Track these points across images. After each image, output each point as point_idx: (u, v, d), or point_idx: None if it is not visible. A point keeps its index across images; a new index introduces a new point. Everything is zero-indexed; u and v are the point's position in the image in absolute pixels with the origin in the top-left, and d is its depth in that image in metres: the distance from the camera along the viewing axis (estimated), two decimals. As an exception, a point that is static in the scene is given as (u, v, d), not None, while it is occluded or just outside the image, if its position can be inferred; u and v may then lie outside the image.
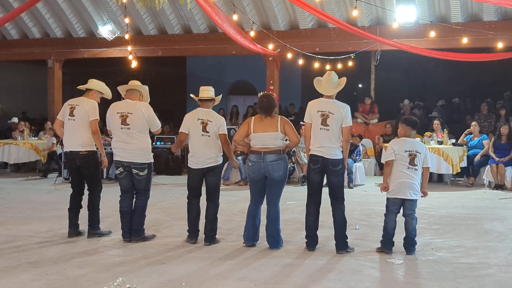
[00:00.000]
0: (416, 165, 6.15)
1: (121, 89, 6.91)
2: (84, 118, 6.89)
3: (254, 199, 6.60)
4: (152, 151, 6.89)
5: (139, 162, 6.64)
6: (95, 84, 7.13)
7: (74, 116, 6.93)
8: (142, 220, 6.81)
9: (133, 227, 6.74)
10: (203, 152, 6.62)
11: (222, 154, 6.72)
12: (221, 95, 7.02)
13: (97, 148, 7.03)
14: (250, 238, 6.56)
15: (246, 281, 5.18)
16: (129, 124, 6.61)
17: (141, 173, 6.66)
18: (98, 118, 6.97)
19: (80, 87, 7.20)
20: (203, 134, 6.60)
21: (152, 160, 6.81)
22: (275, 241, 6.48)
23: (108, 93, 7.23)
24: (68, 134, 7.01)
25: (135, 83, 6.88)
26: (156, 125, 6.78)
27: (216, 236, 6.76)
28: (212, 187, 6.71)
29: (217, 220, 6.75)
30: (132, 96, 6.78)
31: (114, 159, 6.80)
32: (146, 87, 6.95)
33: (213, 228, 6.69)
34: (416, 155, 6.16)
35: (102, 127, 8.66)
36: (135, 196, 6.81)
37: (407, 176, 6.15)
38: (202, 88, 6.89)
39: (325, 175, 6.40)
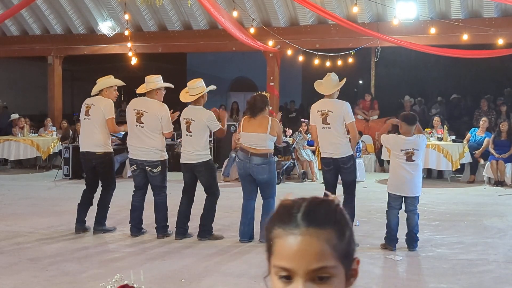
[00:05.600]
0: (415, 160, 6.17)
1: (141, 89, 6.89)
2: (99, 117, 6.90)
3: (245, 195, 6.68)
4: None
5: (152, 160, 6.67)
6: (101, 83, 7.10)
7: (89, 115, 6.96)
8: (165, 216, 6.84)
9: (158, 224, 6.81)
10: (186, 149, 6.71)
11: (206, 153, 6.71)
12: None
13: (115, 144, 7.15)
14: (245, 234, 6.59)
15: (245, 278, 5.19)
16: (143, 123, 6.64)
17: (155, 170, 6.69)
18: (114, 116, 7.01)
19: (92, 92, 7.17)
20: (187, 134, 6.68)
21: (166, 157, 6.84)
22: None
23: (117, 83, 7.17)
24: (83, 133, 7.08)
25: (150, 80, 6.79)
26: (168, 127, 6.75)
27: (214, 232, 6.77)
28: (204, 185, 6.78)
29: (211, 216, 6.74)
30: (149, 94, 6.78)
31: (128, 156, 6.93)
32: (157, 79, 6.84)
33: (204, 223, 6.70)
34: (414, 153, 6.17)
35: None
36: (153, 193, 6.84)
37: (406, 172, 6.16)
38: (189, 85, 6.79)
39: (339, 174, 6.52)
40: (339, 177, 6.56)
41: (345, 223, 1.30)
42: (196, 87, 6.73)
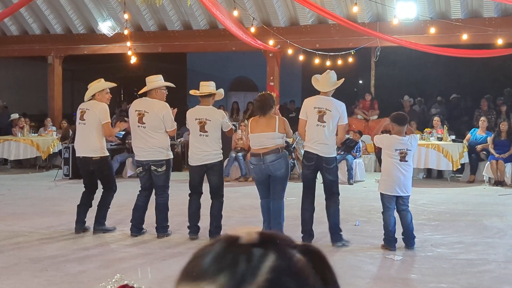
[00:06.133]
0: (407, 161, 6.21)
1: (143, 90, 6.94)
2: (94, 122, 6.91)
3: (262, 196, 6.63)
4: None
5: (157, 159, 6.68)
6: (92, 88, 7.07)
7: (84, 120, 6.96)
8: (166, 216, 6.85)
9: (159, 224, 6.82)
10: (200, 150, 6.66)
11: (221, 151, 6.74)
12: (222, 90, 6.97)
13: (107, 143, 7.22)
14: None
15: (245, 277, 5.18)
16: (145, 123, 6.65)
17: (159, 169, 6.70)
18: (110, 120, 7.03)
19: (85, 98, 7.17)
20: (201, 134, 6.64)
21: (171, 157, 6.85)
22: None
23: (108, 85, 7.16)
24: (79, 138, 7.08)
25: (150, 80, 6.83)
26: (171, 125, 6.76)
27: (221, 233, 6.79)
28: (215, 186, 6.73)
29: (222, 217, 6.75)
30: (150, 94, 6.80)
31: (135, 159, 6.96)
32: (157, 79, 6.89)
33: (218, 225, 6.70)
34: (407, 153, 6.20)
35: None
36: (155, 193, 6.86)
37: (400, 172, 6.19)
38: (202, 83, 6.90)
39: (319, 172, 6.47)
40: (320, 180, 6.59)
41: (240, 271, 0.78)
42: (209, 85, 6.79)
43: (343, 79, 6.60)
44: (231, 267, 0.79)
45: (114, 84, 7.25)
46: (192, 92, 7.03)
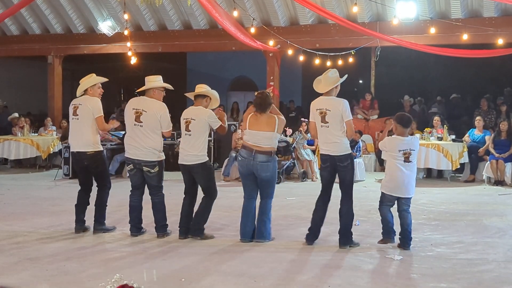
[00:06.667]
0: (411, 161, 6.21)
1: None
2: (88, 116, 6.90)
3: (246, 194, 6.67)
4: None
5: (149, 160, 6.67)
6: (84, 83, 7.06)
7: (77, 115, 6.96)
8: (164, 216, 6.86)
9: (158, 224, 6.82)
10: (183, 149, 6.73)
11: (204, 153, 6.72)
12: (216, 94, 6.90)
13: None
14: (245, 234, 6.59)
15: (245, 277, 5.19)
16: (142, 122, 6.63)
17: (152, 171, 6.71)
18: (102, 114, 7.00)
19: (77, 94, 7.16)
20: (186, 133, 6.70)
21: (163, 158, 6.84)
22: (259, 232, 6.54)
23: (100, 80, 7.13)
24: (73, 133, 7.07)
25: (149, 79, 6.84)
26: (167, 126, 6.76)
27: (205, 232, 6.77)
28: (203, 187, 6.80)
29: (205, 216, 6.76)
30: (148, 93, 6.79)
31: (125, 155, 6.88)
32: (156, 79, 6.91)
33: (198, 222, 6.71)
34: (411, 153, 6.22)
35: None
36: (149, 193, 6.86)
37: (403, 174, 6.19)
38: (197, 86, 6.93)
39: (337, 173, 6.47)
40: (337, 176, 6.56)
41: None
42: (203, 87, 6.82)
43: (346, 75, 6.58)
44: None
45: (105, 79, 7.22)
46: (186, 94, 7.08)
